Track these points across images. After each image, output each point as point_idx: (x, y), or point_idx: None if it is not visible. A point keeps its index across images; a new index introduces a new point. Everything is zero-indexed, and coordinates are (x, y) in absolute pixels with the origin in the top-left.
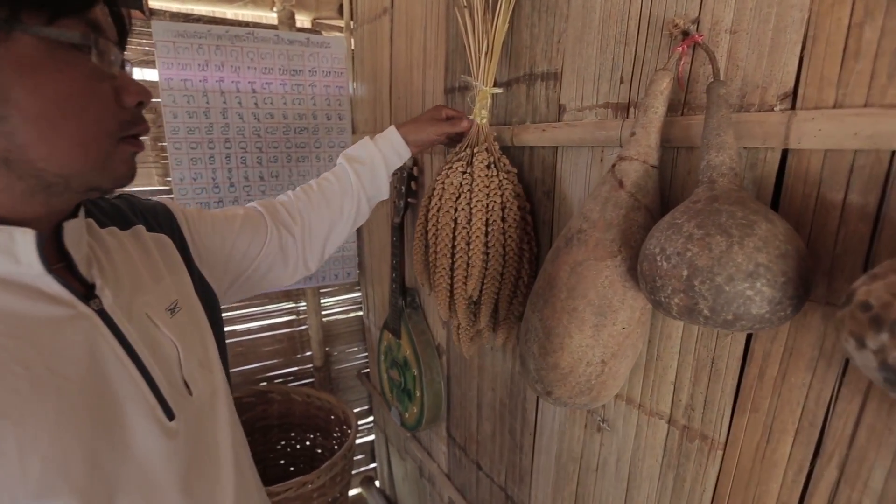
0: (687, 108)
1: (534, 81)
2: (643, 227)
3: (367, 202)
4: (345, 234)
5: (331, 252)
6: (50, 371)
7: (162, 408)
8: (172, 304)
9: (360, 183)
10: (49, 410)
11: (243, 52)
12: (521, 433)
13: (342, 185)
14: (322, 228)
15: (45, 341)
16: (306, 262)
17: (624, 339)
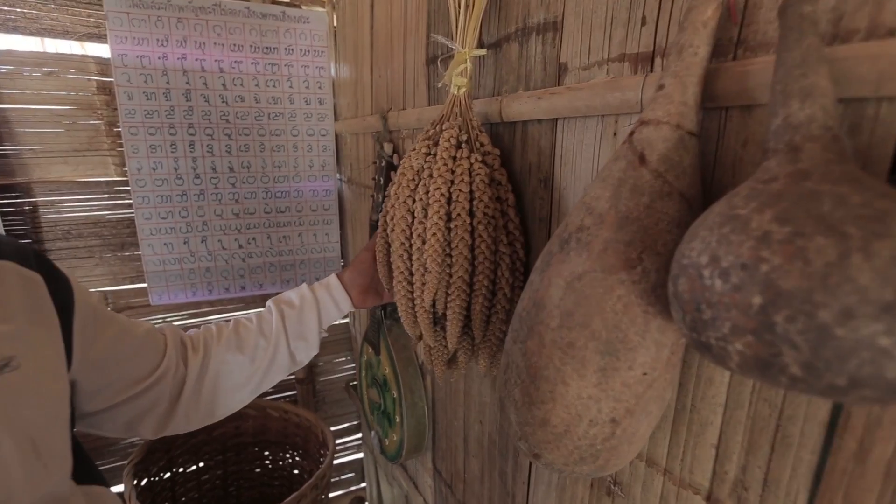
0: (742, 49)
1: (527, 37)
2: (676, 222)
3: (288, 352)
4: (248, 389)
5: (225, 411)
6: None
7: None
8: (4, 361)
9: (282, 326)
10: None
11: (209, 27)
12: (513, 480)
13: (261, 325)
14: (223, 372)
15: None
16: (187, 415)
17: (645, 389)
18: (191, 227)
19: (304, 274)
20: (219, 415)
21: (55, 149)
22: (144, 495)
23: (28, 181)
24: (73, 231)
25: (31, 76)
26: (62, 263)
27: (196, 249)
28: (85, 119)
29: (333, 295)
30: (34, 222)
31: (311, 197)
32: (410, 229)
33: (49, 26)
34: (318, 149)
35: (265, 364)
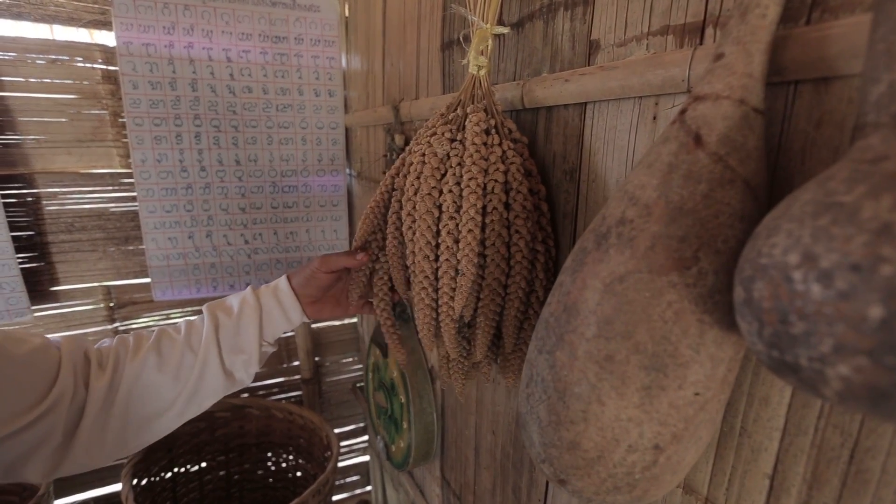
0: (819, 11)
1: (554, 13)
2: (740, 215)
3: (222, 370)
4: (171, 415)
5: (139, 443)
6: None
7: None
8: None
9: (213, 338)
10: None
11: (216, 14)
12: (528, 496)
13: (189, 336)
14: (137, 395)
15: None
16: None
17: (697, 411)
18: (196, 222)
19: None
20: (132, 447)
21: (59, 139)
22: (144, 495)
23: (31, 172)
24: (76, 224)
25: (35, 64)
26: (65, 256)
27: (201, 244)
28: (89, 109)
29: (282, 301)
30: (37, 214)
31: (319, 192)
32: (438, 226)
33: (54, 13)
34: (327, 142)
35: (191, 385)
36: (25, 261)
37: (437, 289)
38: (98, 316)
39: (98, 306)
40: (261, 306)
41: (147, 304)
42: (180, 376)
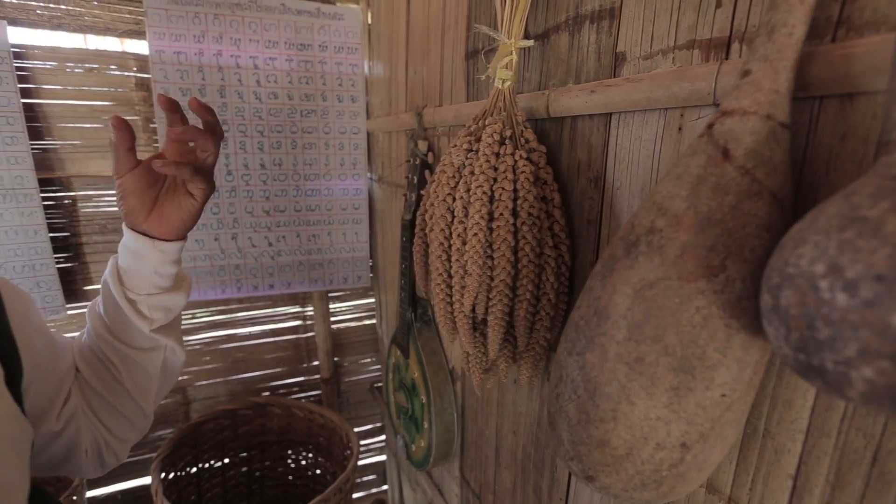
0: (844, 30)
1: (580, 26)
2: (766, 225)
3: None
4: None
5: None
6: None
7: None
8: None
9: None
10: None
11: (244, 23)
12: (549, 495)
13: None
14: None
15: None
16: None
17: (723, 412)
18: (222, 224)
19: (333, 273)
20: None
21: (94, 144)
22: (171, 489)
23: (67, 175)
24: (109, 225)
25: (73, 72)
26: (97, 257)
27: (226, 246)
28: (123, 115)
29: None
30: (72, 216)
31: (341, 195)
32: (450, 229)
33: (91, 23)
34: (349, 147)
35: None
36: (61, 260)
37: (451, 286)
38: None
39: None
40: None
41: None
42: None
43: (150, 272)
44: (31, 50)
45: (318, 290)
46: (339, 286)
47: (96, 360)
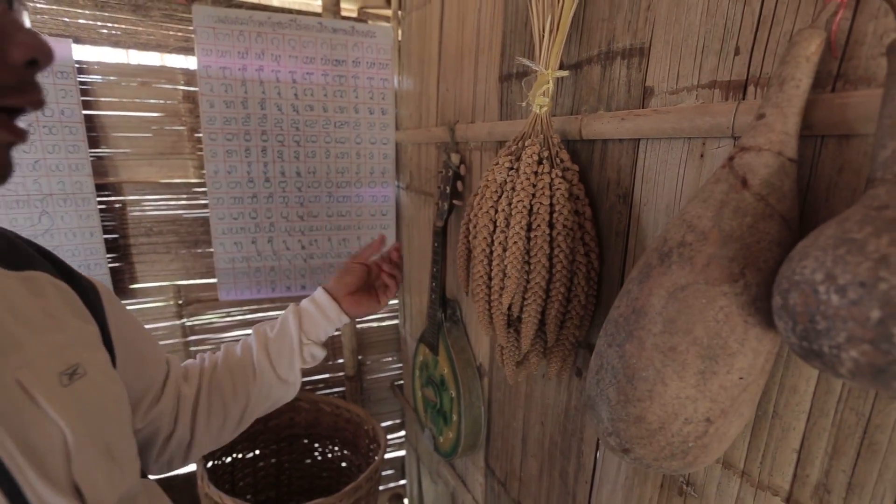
0: (842, 82)
1: (611, 60)
2: (777, 242)
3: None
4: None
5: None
6: None
7: None
8: (71, 368)
9: (265, 354)
10: None
11: (285, 40)
12: (575, 479)
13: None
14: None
15: None
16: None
17: (741, 392)
18: (259, 228)
19: None
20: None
21: (143, 152)
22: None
23: (119, 181)
24: (154, 228)
25: (127, 86)
26: (143, 258)
27: (263, 249)
28: (170, 125)
29: (318, 302)
30: (122, 219)
31: (370, 202)
32: (492, 237)
33: (145, 41)
34: (378, 156)
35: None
36: (111, 261)
37: (490, 287)
38: (168, 312)
39: (168, 303)
40: (299, 310)
41: (212, 302)
42: (241, 392)
43: (324, 328)
44: (91, 65)
45: None
46: None
47: (238, 369)
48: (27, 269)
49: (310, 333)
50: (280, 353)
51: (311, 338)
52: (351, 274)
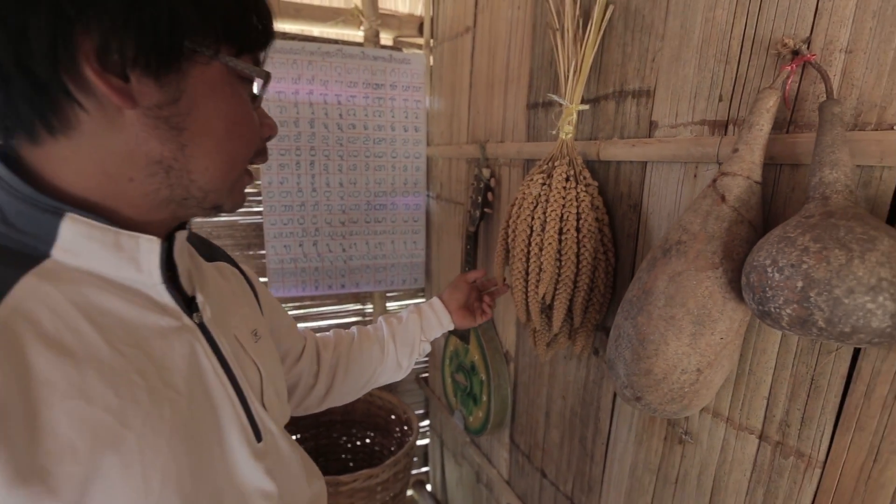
0: (793, 126)
1: (624, 98)
2: (746, 240)
3: (396, 358)
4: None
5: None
6: (163, 382)
7: (252, 428)
8: (255, 332)
9: (391, 337)
10: (165, 422)
11: (332, 67)
12: (593, 442)
13: (376, 335)
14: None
15: (157, 351)
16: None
17: (721, 348)
18: (306, 233)
19: (394, 276)
20: (336, 402)
21: None
22: None
23: None
24: (213, 232)
25: None
26: None
27: (308, 251)
28: None
29: (435, 308)
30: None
31: (403, 210)
32: (529, 239)
33: None
34: (411, 169)
35: (376, 366)
36: None
37: (528, 280)
38: None
39: None
40: (420, 312)
41: None
42: (372, 360)
43: (436, 331)
44: None
45: (380, 290)
46: (399, 287)
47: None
48: (216, 260)
49: (426, 332)
50: (404, 343)
51: (427, 336)
52: (460, 291)
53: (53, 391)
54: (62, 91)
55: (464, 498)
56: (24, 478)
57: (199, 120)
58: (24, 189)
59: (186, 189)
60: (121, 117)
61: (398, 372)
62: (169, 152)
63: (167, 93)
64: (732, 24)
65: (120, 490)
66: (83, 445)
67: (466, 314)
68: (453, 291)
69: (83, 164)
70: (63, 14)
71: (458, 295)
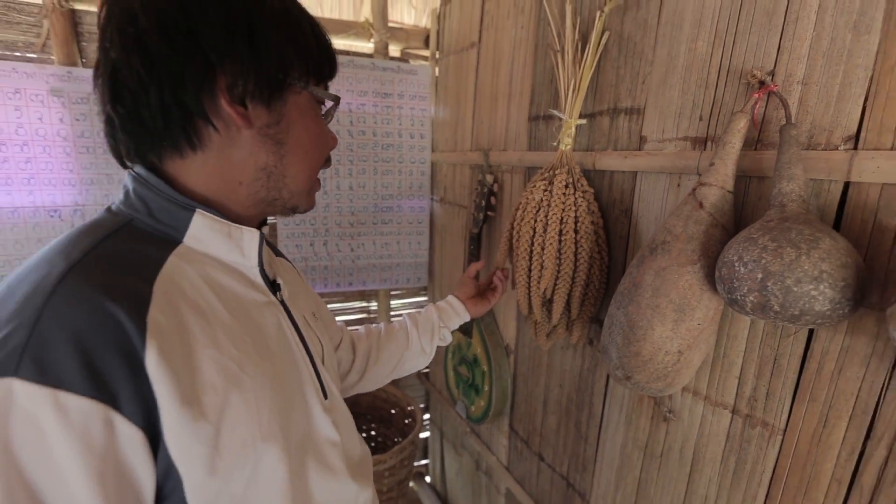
0: (760, 145)
1: (617, 115)
2: (720, 241)
3: (420, 345)
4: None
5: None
6: (263, 343)
7: (320, 387)
8: (314, 313)
9: (414, 327)
10: (267, 374)
11: (344, 77)
12: (587, 425)
13: (402, 326)
14: (378, 357)
15: (257, 319)
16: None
17: (699, 333)
18: (317, 233)
19: (399, 275)
20: (366, 388)
21: None
22: None
23: None
24: None
25: None
26: None
27: (319, 250)
28: None
29: (451, 302)
30: None
31: (408, 212)
32: (532, 240)
33: None
34: (416, 173)
35: (403, 351)
36: None
37: (530, 276)
38: None
39: None
40: (438, 305)
41: None
42: (399, 348)
43: (454, 320)
44: None
45: (386, 288)
46: (403, 285)
47: (396, 336)
48: (279, 256)
49: (444, 321)
50: (424, 330)
51: (445, 324)
52: (466, 286)
53: (197, 340)
54: (204, 117)
55: (463, 487)
56: (188, 401)
57: (293, 136)
58: (168, 191)
59: (279, 191)
60: (239, 135)
61: (422, 357)
62: (272, 161)
63: (273, 116)
64: (711, 55)
65: (242, 418)
66: (219, 383)
67: (479, 301)
68: (461, 287)
69: (209, 171)
70: (209, 61)
71: (465, 289)
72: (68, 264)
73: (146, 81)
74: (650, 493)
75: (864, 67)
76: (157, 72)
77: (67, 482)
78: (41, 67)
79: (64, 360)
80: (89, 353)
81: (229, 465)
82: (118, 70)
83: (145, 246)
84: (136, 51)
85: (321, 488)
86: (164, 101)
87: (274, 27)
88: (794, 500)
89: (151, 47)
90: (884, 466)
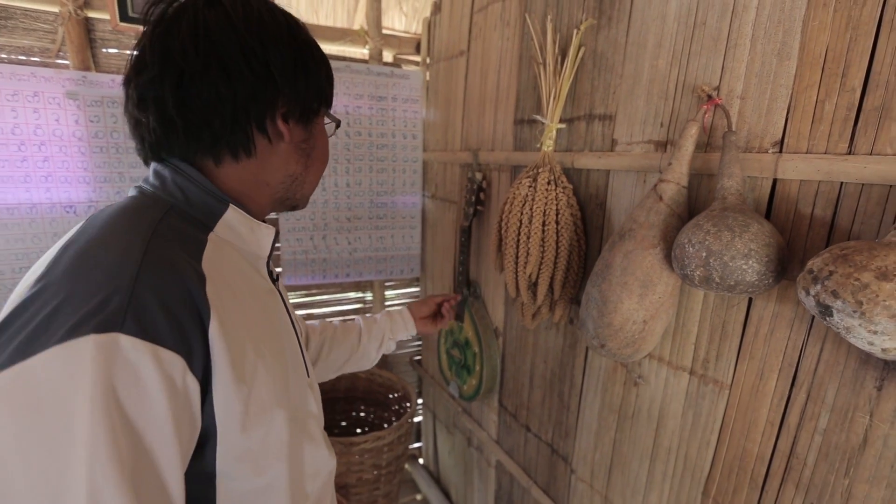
0: (708, 148)
1: (592, 120)
2: (675, 227)
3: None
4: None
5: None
6: (273, 323)
7: (305, 365)
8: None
9: (367, 331)
10: (281, 345)
11: (341, 81)
12: (569, 395)
13: (354, 328)
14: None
15: (267, 303)
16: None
17: (660, 305)
18: (316, 228)
19: (393, 266)
20: (326, 377)
21: None
22: None
23: None
24: None
25: None
26: None
27: (317, 244)
28: None
29: (404, 316)
30: None
31: (402, 207)
32: (519, 230)
33: None
34: (409, 171)
35: (352, 352)
36: None
37: (517, 262)
38: None
39: None
40: (391, 317)
41: None
42: (345, 353)
43: (401, 333)
44: None
45: (381, 279)
46: (397, 276)
47: (348, 335)
48: None
49: (393, 332)
50: (375, 337)
51: (393, 335)
52: (427, 306)
53: (235, 315)
54: (262, 130)
55: (455, 464)
56: (235, 364)
57: (316, 149)
58: (208, 185)
59: (294, 194)
60: (279, 147)
61: (366, 361)
62: (299, 170)
63: (306, 133)
64: (670, 72)
65: (265, 384)
66: (250, 352)
67: (428, 323)
68: (421, 306)
69: (246, 175)
70: (276, 87)
71: (424, 309)
72: (143, 240)
73: (223, 95)
74: (624, 450)
75: (786, 87)
76: (235, 89)
77: (157, 417)
78: (58, 72)
79: (159, 322)
80: (177, 317)
81: (254, 423)
82: (191, 80)
83: (191, 228)
84: (216, 68)
85: (309, 454)
86: (236, 113)
87: (319, 65)
88: (738, 442)
89: (233, 69)
90: (804, 407)
